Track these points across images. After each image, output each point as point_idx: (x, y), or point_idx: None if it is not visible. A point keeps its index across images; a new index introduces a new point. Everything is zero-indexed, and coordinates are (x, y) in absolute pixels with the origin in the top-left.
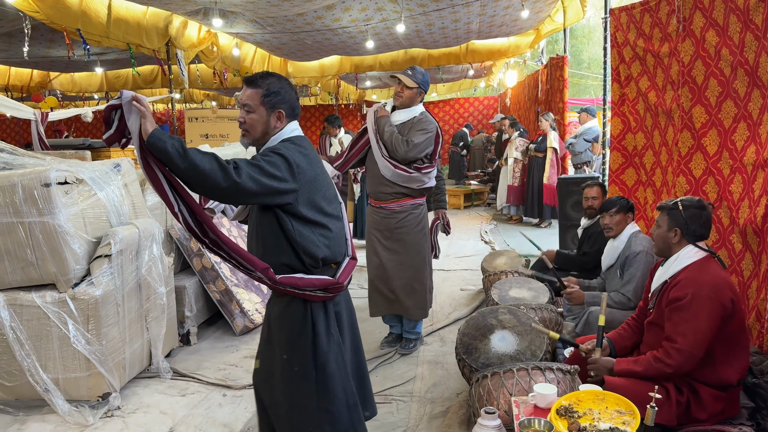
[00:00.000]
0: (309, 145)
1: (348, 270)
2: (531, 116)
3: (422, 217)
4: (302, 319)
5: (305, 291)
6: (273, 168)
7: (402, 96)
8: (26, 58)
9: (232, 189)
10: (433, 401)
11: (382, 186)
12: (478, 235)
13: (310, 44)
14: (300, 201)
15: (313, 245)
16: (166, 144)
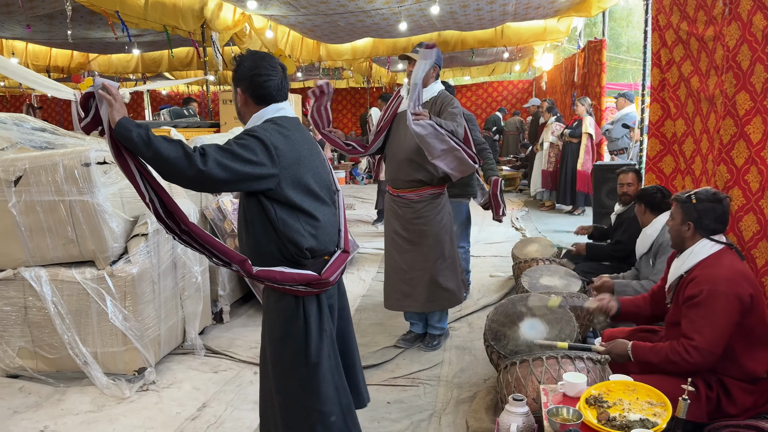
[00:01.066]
0: (295, 126)
1: (336, 265)
2: (567, 101)
3: (442, 207)
4: (294, 314)
5: (284, 285)
6: (246, 152)
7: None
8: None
9: (198, 177)
10: (461, 386)
11: (400, 172)
12: (509, 222)
13: (343, 26)
14: (283, 186)
15: (297, 234)
16: (131, 133)
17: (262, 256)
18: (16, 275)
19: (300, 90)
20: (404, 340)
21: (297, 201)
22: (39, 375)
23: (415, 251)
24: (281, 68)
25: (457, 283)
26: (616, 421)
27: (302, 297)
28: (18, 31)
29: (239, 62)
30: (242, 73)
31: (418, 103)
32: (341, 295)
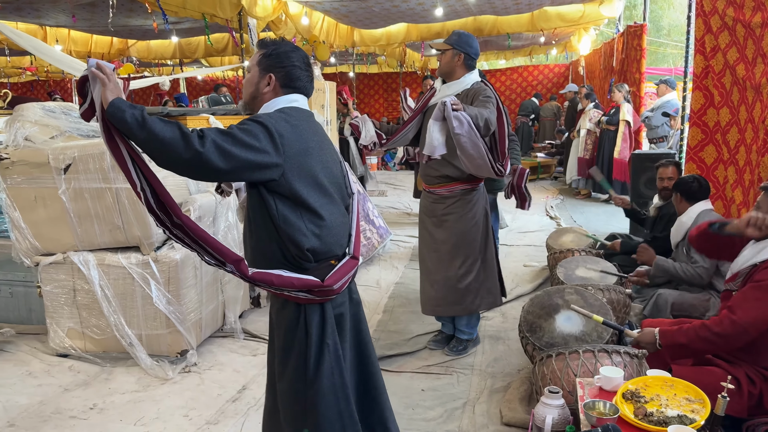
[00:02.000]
0: (306, 118)
1: (343, 271)
2: (605, 86)
3: (474, 203)
4: (294, 323)
5: (282, 291)
6: (249, 137)
7: (440, 64)
8: (110, 28)
9: (195, 160)
10: (494, 376)
11: (429, 168)
12: (543, 210)
13: (378, 12)
14: (289, 177)
15: (298, 233)
16: (125, 113)
17: (265, 257)
18: (65, 259)
19: (332, 75)
20: (435, 342)
21: (303, 194)
22: (87, 355)
23: (442, 250)
24: (312, 69)
25: (488, 287)
26: (654, 416)
27: (304, 305)
28: (61, 19)
29: (276, 48)
30: (280, 60)
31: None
32: (354, 304)
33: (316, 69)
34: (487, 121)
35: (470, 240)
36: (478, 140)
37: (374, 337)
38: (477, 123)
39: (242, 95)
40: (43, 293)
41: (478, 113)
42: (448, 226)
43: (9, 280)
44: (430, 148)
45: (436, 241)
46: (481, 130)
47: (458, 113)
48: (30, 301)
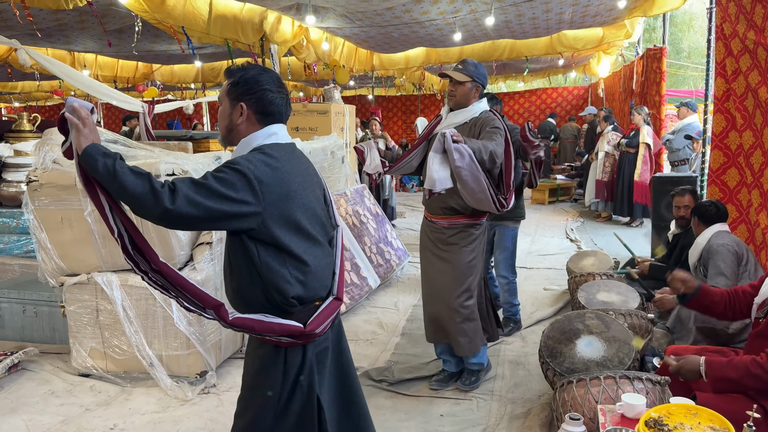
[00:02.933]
0: (287, 155)
1: (326, 314)
2: (625, 109)
3: (476, 237)
4: (271, 362)
5: (264, 336)
6: (225, 187)
7: (455, 95)
8: (134, 53)
9: (166, 217)
10: (514, 401)
11: (433, 198)
12: (563, 233)
13: (397, 37)
14: (269, 224)
15: (282, 281)
16: (97, 162)
17: (247, 302)
18: (89, 280)
19: (352, 98)
20: (438, 381)
21: (284, 241)
22: (108, 375)
23: (442, 280)
24: (286, 88)
25: (479, 326)
26: None
27: (285, 347)
28: (89, 45)
29: (243, 74)
30: (249, 86)
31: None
32: (336, 333)
33: (335, 92)
34: (492, 154)
35: (466, 274)
36: (480, 174)
37: (392, 360)
38: (480, 157)
39: (219, 128)
40: (67, 313)
41: (482, 146)
42: (447, 258)
43: (34, 300)
44: (431, 182)
45: (437, 271)
46: (485, 164)
47: (459, 146)
48: (54, 320)
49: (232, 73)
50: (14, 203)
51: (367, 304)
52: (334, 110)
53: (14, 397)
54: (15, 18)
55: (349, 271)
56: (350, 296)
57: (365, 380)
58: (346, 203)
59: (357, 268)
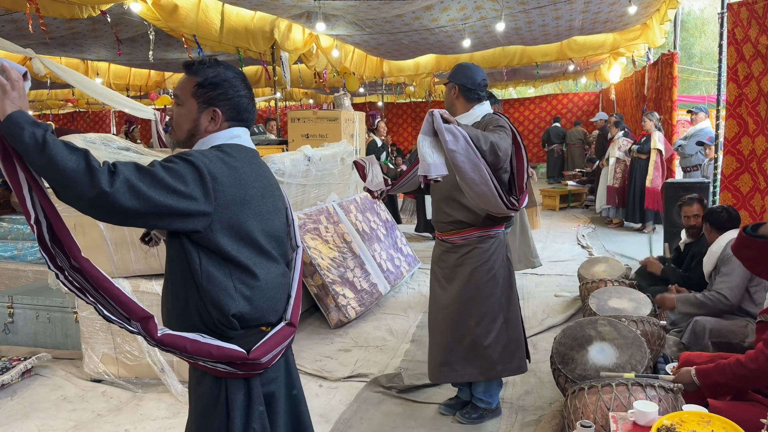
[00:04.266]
0: (249, 158)
1: (275, 341)
2: (637, 115)
3: (492, 253)
4: (213, 403)
5: (197, 360)
6: (173, 179)
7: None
8: (151, 60)
9: (100, 201)
10: (525, 409)
11: (440, 213)
12: (575, 239)
13: (407, 44)
14: (215, 229)
15: (224, 294)
16: (23, 131)
17: (179, 320)
18: None
19: (362, 105)
20: (447, 406)
21: (231, 251)
22: (119, 380)
23: (453, 307)
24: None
25: (511, 350)
26: None
27: (224, 379)
28: (102, 54)
29: (217, 75)
30: (224, 90)
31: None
32: (290, 377)
33: (346, 99)
34: (493, 145)
35: (486, 295)
36: (479, 161)
37: (402, 367)
38: (479, 144)
39: (174, 131)
40: (80, 319)
41: (480, 134)
42: (461, 279)
43: (47, 306)
44: (424, 167)
45: (448, 296)
46: (485, 154)
47: (451, 126)
48: (66, 326)
49: (200, 70)
50: None
51: (377, 310)
52: (344, 117)
53: (27, 402)
54: (29, 27)
55: (360, 278)
56: (360, 303)
57: (375, 387)
58: (356, 210)
59: (367, 274)
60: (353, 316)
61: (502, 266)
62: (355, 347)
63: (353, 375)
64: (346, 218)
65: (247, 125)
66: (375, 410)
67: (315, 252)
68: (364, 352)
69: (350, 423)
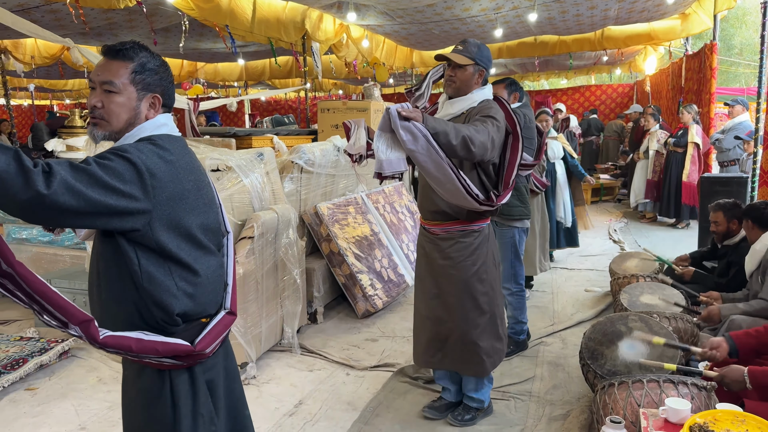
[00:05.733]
0: (181, 149)
1: (217, 331)
2: (674, 107)
3: (475, 248)
4: (156, 396)
5: (143, 358)
6: (111, 176)
7: (455, 81)
8: (181, 51)
9: (36, 204)
10: (553, 403)
11: (425, 200)
12: (606, 233)
13: (438, 34)
14: (155, 227)
15: (167, 294)
16: None
17: (115, 320)
18: None
19: (390, 96)
20: (432, 409)
21: (171, 248)
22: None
23: (441, 300)
24: None
25: (492, 346)
26: None
27: (168, 370)
28: None
29: (151, 59)
30: (161, 75)
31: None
32: (228, 361)
33: (375, 90)
34: (466, 140)
35: (470, 290)
36: (443, 161)
37: None
38: (447, 140)
39: (108, 122)
40: None
41: (452, 129)
42: (444, 274)
43: (83, 290)
44: (378, 163)
45: (437, 287)
46: (455, 150)
47: (409, 124)
48: None
49: (127, 53)
50: None
51: (404, 301)
52: (373, 108)
53: (64, 383)
54: (68, 18)
55: (387, 268)
56: (387, 293)
57: (402, 377)
58: (384, 201)
59: (394, 265)
60: (380, 306)
61: (487, 262)
62: (381, 337)
63: (380, 364)
64: (374, 209)
65: (171, 111)
66: (402, 400)
67: (343, 242)
68: (390, 343)
69: (377, 411)
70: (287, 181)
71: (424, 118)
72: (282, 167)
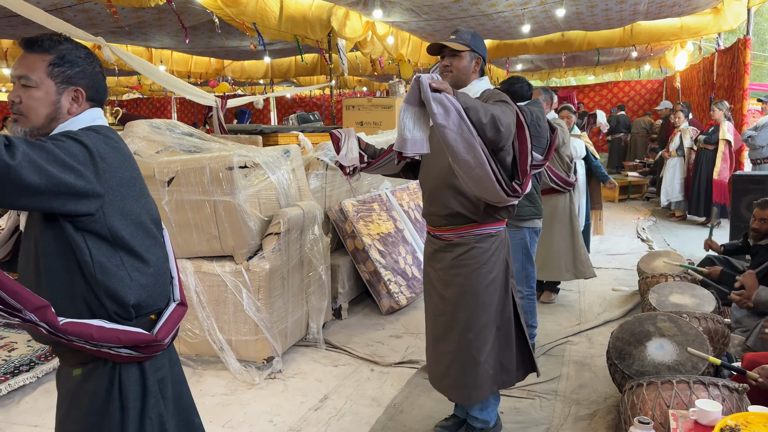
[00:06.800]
0: (122, 140)
1: (173, 321)
2: (704, 103)
3: (492, 254)
4: (105, 398)
5: (102, 347)
6: (66, 154)
7: (452, 70)
8: (212, 48)
9: (2, 177)
10: (579, 403)
11: (434, 204)
12: (634, 232)
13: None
14: (108, 212)
15: (121, 285)
16: None
17: (60, 314)
18: None
19: None
20: (442, 427)
21: (125, 236)
22: (181, 357)
23: (449, 313)
24: None
25: (503, 363)
26: None
27: (118, 371)
28: (166, 42)
29: (71, 51)
30: (83, 67)
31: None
32: (173, 363)
33: (400, 87)
34: (494, 118)
35: (485, 303)
36: (474, 139)
37: None
38: (477, 117)
39: (27, 117)
40: None
41: (480, 105)
42: (458, 284)
43: None
44: (400, 142)
45: (444, 302)
46: (485, 130)
47: (441, 95)
48: None
49: (44, 46)
50: None
51: None
52: (398, 105)
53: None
54: (99, 17)
55: (411, 265)
56: (411, 290)
57: (425, 374)
58: (408, 198)
59: (418, 263)
60: (404, 303)
61: (502, 269)
62: (405, 334)
63: (404, 361)
64: (398, 206)
65: (103, 106)
66: (426, 397)
67: (367, 239)
68: (414, 339)
69: (401, 408)
70: (313, 178)
71: (454, 91)
72: (308, 164)
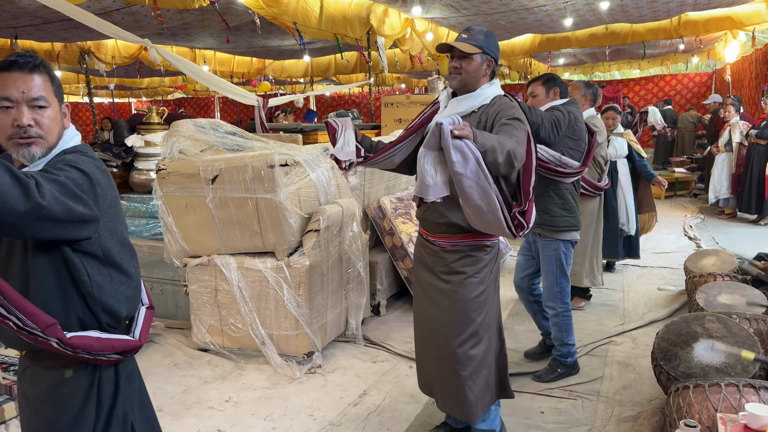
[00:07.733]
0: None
1: (147, 324)
2: (756, 97)
3: (485, 264)
4: (82, 401)
5: (98, 356)
6: (76, 186)
7: (461, 73)
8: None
9: (34, 214)
10: (622, 404)
11: (429, 211)
12: (681, 230)
13: (504, 24)
14: (102, 234)
15: (114, 300)
16: None
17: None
18: (209, 261)
19: None
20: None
21: (114, 254)
22: (224, 350)
23: (439, 321)
24: None
25: (481, 385)
26: None
27: (99, 371)
28: (209, 42)
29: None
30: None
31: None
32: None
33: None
34: (510, 156)
35: (473, 312)
36: (490, 188)
37: None
38: (494, 158)
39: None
40: (189, 292)
41: (497, 144)
42: (448, 292)
43: (160, 279)
44: (422, 188)
45: (434, 306)
46: (499, 168)
47: (462, 143)
48: (177, 298)
49: (42, 66)
50: (144, 189)
51: None
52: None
53: (143, 366)
54: (146, 19)
55: None
56: None
57: None
58: None
59: None
60: None
61: (493, 280)
62: None
63: None
64: None
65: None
66: None
67: (406, 236)
68: None
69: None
70: (352, 176)
71: (474, 134)
72: None
